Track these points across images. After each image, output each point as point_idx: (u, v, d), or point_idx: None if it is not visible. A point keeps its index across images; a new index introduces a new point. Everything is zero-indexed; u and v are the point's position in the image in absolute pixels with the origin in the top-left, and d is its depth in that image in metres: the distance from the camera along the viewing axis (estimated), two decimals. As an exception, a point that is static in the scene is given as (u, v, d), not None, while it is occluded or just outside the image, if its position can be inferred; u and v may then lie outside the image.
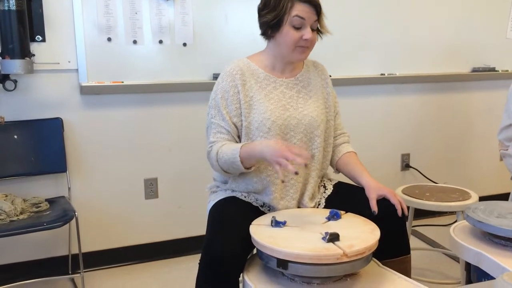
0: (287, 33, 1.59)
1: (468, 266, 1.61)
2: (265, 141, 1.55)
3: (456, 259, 2.57)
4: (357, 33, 2.87)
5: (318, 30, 1.65)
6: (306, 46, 1.61)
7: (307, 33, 1.59)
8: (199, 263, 1.45)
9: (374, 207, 1.56)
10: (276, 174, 1.64)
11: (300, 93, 1.71)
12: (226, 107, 1.63)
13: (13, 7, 2.11)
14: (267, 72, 1.69)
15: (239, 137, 1.65)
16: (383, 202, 1.59)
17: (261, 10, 1.63)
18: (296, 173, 1.42)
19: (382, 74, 2.97)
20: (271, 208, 1.67)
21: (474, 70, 3.19)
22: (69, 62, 2.36)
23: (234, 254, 1.40)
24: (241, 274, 1.46)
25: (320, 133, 1.69)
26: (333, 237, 1.34)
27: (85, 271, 2.28)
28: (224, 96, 1.63)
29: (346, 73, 2.87)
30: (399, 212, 1.57)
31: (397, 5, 2.93)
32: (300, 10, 1.56)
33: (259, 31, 1.68)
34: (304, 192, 1.70)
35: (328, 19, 1.70)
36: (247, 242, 1.44)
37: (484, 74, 3.20)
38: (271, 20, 1.59)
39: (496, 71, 3.24)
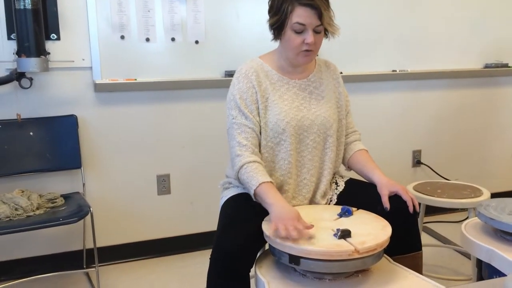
0: (289, 38, 1.59)
1: (480, 263, 1.62)
2: (283, 200, 1.50)
3: (467, 255, 2.56)
4: (368, 29, 2.86)
5: (325, 30, 1.62)
6: (309, 50, 1.60)
7: (309, 37, 1.56)
8: (210, 258, 1.47)
9: (386, 203, 1.57)
10: (290, 174, 1.66)
11: (313, 94, 1.72)
12: (246, 107, 1.63)
13: (28, 6, 2.14)
14: (279, 73, 1.70)
15: (260, 134, 1.65)
16: (395, 198, 1.60)
17: (268, 13, 1.65)
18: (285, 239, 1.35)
19: (393, 71, 2.96)
20: (282, 206, 1.69)
21: (487, 66, 3.17)
22: (83, 60, 2.39)
23: (244, 250, 1.43)
24: (254, 270, 1.48)
25: (332, 132, 1.71)
26: (345, 234, 1.36)
27: (99, 266, 2.32)
28: (242, 97, 1.63)
29: (358, 70, 2.87)
30: (411, 209, 1.57)
31: (408, 2, 2.92)
32: (300, 15, 1.54)
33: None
34: (316, 191, 1.72)
35: (340, 16, 1.69)
36: (258, 237, 1.46)
37: (497, 70, 3.18)
38: (274, 23, 1.60)
39: (509, 67, 3.21)
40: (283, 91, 1.68)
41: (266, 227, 1.45)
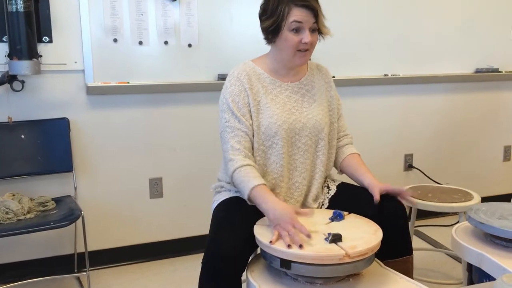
0: (286, 38, 1.60)
1: (470, 267, 1.63)
2: (277, 202, 1.49)
3: (458, 259, 2.58)
4: (360, 33, 2.88)
5: (318, 31, 1.66)
6: (306, 49, 1.62)
7: (306, 36, 1.59)
8: (202, 262, 1.47)
9: (376, 196, 1.59)
10: (281, 177, 1.66)
11: (305, 97, 1.73)
12: (239, 110, 1.64)
13: (21, 8, 2.13)
14: (272, 76, 1.71)
15: (253, 137, 1.65)
16: (386, 203, 1.61)
17: (261, 16, 1.66)
18: (289, 246, 1.34)
19: (385, 75, 2.98)
20: (274, 209, 1.69)
21: (478, 71, 3.20)
22: (75, 62, 2.38)
23: (236, 254, 1.43)
24: (245, 274, 1.48)
25: (324, 136, 1.72)
26: (336, 238, 1.36)
27: (90, 270, 2.31)
28: (234, 100, 1.64)
29: (350, 74, 2.88)
30: (404, 194, 1.61)
31: (400, 6, 2.94)
32: (297, 14, 1.58)
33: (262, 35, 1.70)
34: (308, 194, 1.73)
35: (332, 20, 1.71)
36: (250, 242, 1.46)
37: (488, 75, 3.21)
38: (270, 26, 1.61)
39: (500, 72, 3.24)
40: (275, 94, 1.69)
41: (258, 231, 1.45)
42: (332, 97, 1.79)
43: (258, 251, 1.55)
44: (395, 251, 1.59)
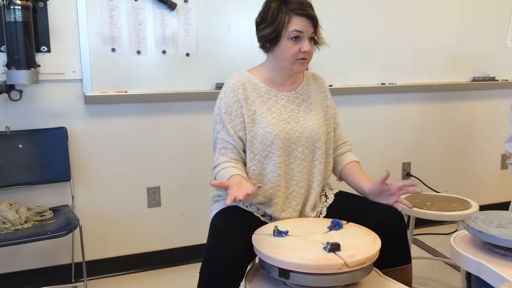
0: (286, 47, 1.61)
1: (469, 276, 1.62)
2: (235, 184, 1.48)
3: (457, 268, 2.57)
4: (358, 42, 2.89)
5: (315, 41, 1.68)
6: (305, 58, 1.64)
7: (305, 45, 1.61)
8: (199, 271, 1.47)
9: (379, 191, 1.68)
10: (279, 187, 1.67)
11: (301, 106, 1.73)
12: (230, 122, 1.65)
13: (19, 18, 2.14)
14: (268, 85, 1.71)
15: (244, 151, 1.68)
16: (384, 212, 1.61)
17: (259, 24, 1.66)
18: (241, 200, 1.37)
19: (382, 84, 2.99)
20: (272, 218, 1.69)
21: (474, 79, 3.21)
22: (73, 72, 2.39)
23: (234, 263, 1.42)
24: (243, 283, 1.47)
25: (321, 145, 1.72)
26: (334, 247, 1.36)
27: (88, 280, 2.30)
28: (227, 111, 1.65)
29: (347, 83, 2.89)
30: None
31: (397, 15, 2.96)
32: (297, 23, 1.59)
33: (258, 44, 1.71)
34: (306, 203, 1.73)
35: (330, 29, 1.72)
36: (248, 251, 1.46)
37: (484, 84, 3.22)
38: (269, 34, 1.62)
39: (496, 80, 3.26)
40: (271, 103, 1.69)
41: (256, 241, 1.45)
42: (328, 107, 1.80)
43: (257, 260, 1.55)
44: (393, 260, 1.59)
